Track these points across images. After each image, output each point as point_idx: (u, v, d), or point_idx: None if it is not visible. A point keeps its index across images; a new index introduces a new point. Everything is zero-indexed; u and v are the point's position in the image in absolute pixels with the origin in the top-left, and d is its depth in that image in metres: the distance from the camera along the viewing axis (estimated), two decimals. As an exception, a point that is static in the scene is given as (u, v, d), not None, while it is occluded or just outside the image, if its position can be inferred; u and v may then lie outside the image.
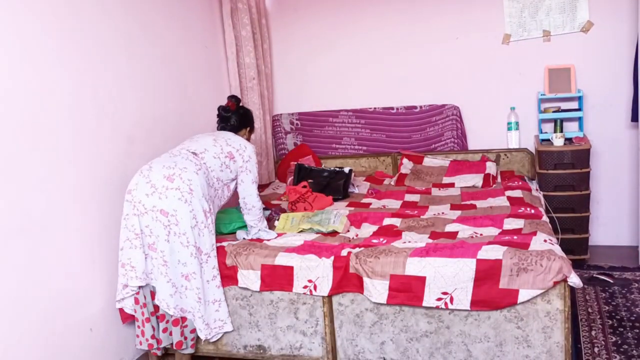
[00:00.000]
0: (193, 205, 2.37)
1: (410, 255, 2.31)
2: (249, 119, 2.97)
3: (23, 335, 2.12)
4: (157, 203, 2.35)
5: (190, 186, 2.38)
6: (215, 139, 2.67)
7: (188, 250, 2.38)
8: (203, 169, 2.48)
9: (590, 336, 2.63)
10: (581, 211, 3.49)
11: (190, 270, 2.40)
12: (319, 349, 2.48)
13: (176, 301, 2.43)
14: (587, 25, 3.65)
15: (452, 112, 3.93)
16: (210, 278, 2.47)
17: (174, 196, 2.35)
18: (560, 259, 2.14)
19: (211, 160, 2.57)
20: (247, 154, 2.69)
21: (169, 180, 2.37)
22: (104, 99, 2.61)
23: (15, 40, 2.12)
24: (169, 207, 2.35)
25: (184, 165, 2.43)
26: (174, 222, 2.35)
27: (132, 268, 2.42)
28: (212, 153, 2.58)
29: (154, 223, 2.36)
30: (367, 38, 4.07)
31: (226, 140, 2.68)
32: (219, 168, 2.59)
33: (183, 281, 2.42)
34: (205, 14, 3.70)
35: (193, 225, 2.38)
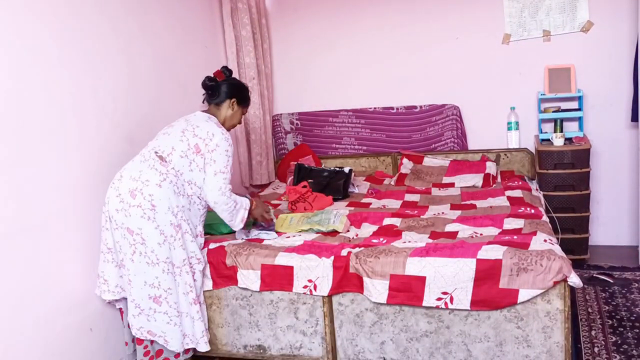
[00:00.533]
0: (158, 222, 2.24)
1: (410, 255, 2.31)
2: (236, 89, 2.62)
3: (23, 335, 2.12)
4: (125, 220, 2.24)
5: (152, 202, 2.23)
6: (183, 130, 2.42)
7: (159, 268, 2.27)
8: (169, 177, 2.29)
9: (590, 336, 2.63)
10: (581, 211, 3.49)
11: (162, 289, 2.29)
12: (319, 348, 2.48)
13: (140, 323, 2.34)
14: (587, 25, 3.65)
15: (452, 112, 3.93)
16: (183, 293, 2.33)
17: (137, 214, 2.22)
18: (560, 259, 2.14)
19: (178, 161, 2.35)
20: (213, 142, 2.37)
21: (132, 197, 2.23)
22: (104, 99, 2.61)
23: (15, 40, 2.12)
24: (133, 226, 2.24)
25: (147, 178, 2.26)
26: (140, 241, 2.25)
27: (105, 282, 2.40)
28: (179, 152, 2.36)
29: (123, 240, 2.28)
30: (367, 38, 4.07)
31: (194, 129, 2.41)
32: (188, 168, 2.36)
33: (151, 304, 2.30)
34: (205, 14, 3.70)
35: (162, 242, 2.25)
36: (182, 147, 2.37)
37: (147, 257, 2.25)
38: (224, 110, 2.59)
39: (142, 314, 2.32)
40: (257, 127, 4.00)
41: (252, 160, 4.04)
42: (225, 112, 2.60)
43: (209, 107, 2.62)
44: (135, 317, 2.33)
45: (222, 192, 2.39)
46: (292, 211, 3.28)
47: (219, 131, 2.42)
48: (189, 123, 2.46)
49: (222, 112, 2.59)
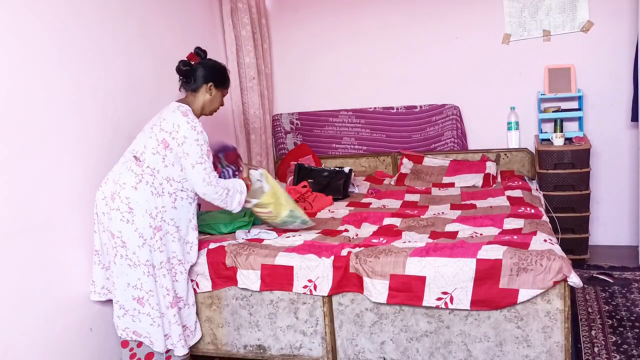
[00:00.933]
0: (136, 224, 2.22)
1: (410, 255, 2.31)
2: (216, 72, 2.48)
3: (23, 335, 2.12)
4: (108, 224, 2.26)
5: (129, 205, 2.21)
6: (152, 126, 2.33)
7: (140, 270, 2.26)
8: (145, 178, 2.25)
9: (590, 336, 2.64)
10: (581, 211, 3.49)
11: (144, 291, 2.28)
12: (319, 348, 2.48)
13: (125, 323, 2.34)
14: (587, 25, 3.65)
15: (452, 112, 3.93)
16: (162, 295, 2.32)
17: (117, 217, 2.23)
18: (560, 259, 2.14)
19: (152, 159, 2.26)
20: (180, 134, 2.25)
21: (112, 200, 2.24)
22: (104, 99, 2.61)
23: (15, 40, 2.12)
24: (114, 229, 2.24)
25: (124, 180, 2.25)
26: (120, 244, 2.25)
27: (93, 282, 2.42)
28: (150, 150, 2.27)
29: (108, 242, 2.30)
30: (367, 37, 4.07)
31: (160, 122, 2.30)
32: (162, 165, 2.27)
33: (135, 304, 2.31)
34: (205, 14, 3.70)
35: (141, 244, 2.24)
36: (152, 144, 2.28)
37: (129, 259, 2.25)
38: (201, 96, 2.45)
39: (126, 314, 2.34)
40: (257, 127, 4.00)
41: (252, 160, 4.04)
42: (203, 97, 2.45)
43: (185, 94, 2.49)
44: (120, 318, 2.34)
45: (207, 182, 2.31)
46: None
47: (184, 121, 2.27)
48: (159, 117, 2.37)
49: (199, 98, 2.45)
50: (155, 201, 2.26)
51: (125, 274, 2.28)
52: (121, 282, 2.30)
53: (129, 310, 2.33)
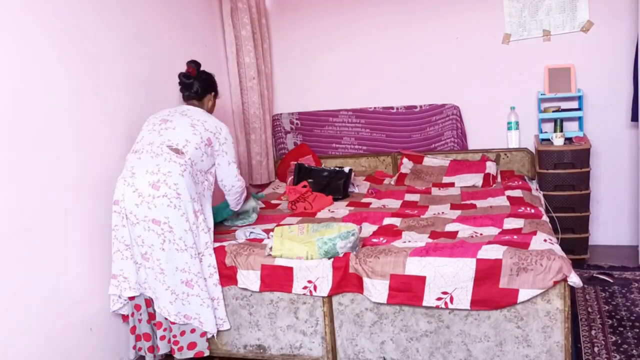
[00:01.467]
0: (183, 209, 2.34)
1: (410, 255, 2.31)
2: (212, 83, 2.82)
3: (23, 335, 2.12)
4: (148, 213, 2.31)
5: (177, 190, 2.33)
6: (192, 125, 2.53)
7: (187, 254, 2.37)
8: (188, 168, 2.40)
9: (590, 336, 2.64)
10: (581, 211, 3.49)
11: (192, 274, 2.39)
12: (319, 348, 2.48)
13: (177, 308, 2.42)
14: (587, 24, 3.65)
15: (452, 112, 3.93)
16: (208, 276, 2.46)
17: (163, 204, 2.31)
18: (560, 259, 2.14)
19: (194, 153, 2.46)
20: (222, 136, 2.60)
21: (155, 189, 2.31)
22: (104, 99, 2.61)
23: (15, 40, 2.12)
24: (160, 216, 2.31)
25: (168, 169, 2.35)
26: (168, 230, 2.33)
27: (125, 279, 2.45)
28: (193, 145, 2.47)
29: (146, 233, 2.34)
30: (367, 37, 4.07)
31: (202, 123, 2.55)
32: (200, 159, 2.50)
33: (184, 288, 2.40)
34: (205, 14, 3.70)
35: (187, 229, 2.35)
36: (196, 140, 2.49)
37: (176, 244, 2.34)
38: (206, 104, 2.78)
39: (177, 299, 2.40)
40: (257, 126, 4.00)
41: (252, 160, 4.04)
42: (207, 105, 2.79)
43: (188, 102, 2.74)
44: (172, 303, 2.40)
45: (238, 177, 2.70)
46: (292, 210, 3.28)
47: (223, 125, 2.64)
48: (193, 117, 2.57)
49: (205, 105, 2.77)
50: (196, 187, 2.44)
51: (174, 258, 2.35)
52: (170, 267, 2.36)
53: (179, 294, 2.40)
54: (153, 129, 2.54)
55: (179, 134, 2.48)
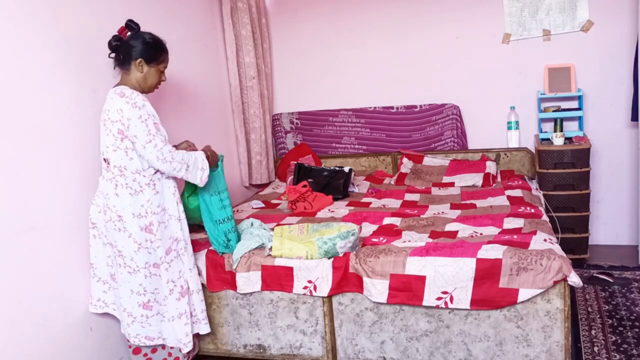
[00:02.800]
0: (129, 230, 2.19)
1: (410, 255, 2.31)
2: (145, 46, 2.26)
3: (23, 335, 2.12)
4: (106, 235, 2.28)
5: (117, 213, 2.19)
6: (103, 122, 2.19)
7: (141, 274, 2.24)
8: (119, 181, 2.17)
9: (590, 335, 2.64)
10: (581, 210, 3.49)
11: (149, 294, 2.27)
12: (319, 348, 2.48)
13: (136, 330, 2.32)
14: (587, 24, 3.65)
15: (452, 112, 3.93)
16: (168, 293, 2.30)
17: (110, 228, 2.22)
18: (560, 258, 2.14)
19: (115, 157, 2.16)
20: (125, 117, 2.10)
21: (104, 213, 2.23)
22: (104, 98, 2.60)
23: (15, 40, 2.12)
24: (111, 239, 2.25)
25: (105, 191, 2.22)
26: (117, 253, 2.24)
27: (90, 295, 2.41)
28: (111, 148, 2.16)
29: (110, 253, 2.30)
30: (367, 37, 4.07)
31: (107, 113, 2.15)
32: (127, 159, 2.16)
33: (142, 310, 2.29)
34: (205, 14, 3.69)
35: (136, 249, 2.21)
36: (111, 141, 2.16)
37: (128, 266, 2.24)
38: (132, 74, 2.27)
39: (135, 321, 2.31)
40: (257, 126, 4.00)
41: (252, 159, 4.04)
42: (135, 75, 2.27)
43: (120, 73, 2.32)
44: (130, 325, 2.32)
45: (162, 159, 2.15)
46: (292, 210, 3.28)
47: (123, 101, 2.11)
48: (104, 110, 2.21)
49: (131, 76, 2.28)
50: (137, 200, 2.18)
51: (126, 281, 2.26)
52: (125, 289, 2.28)
53: (136, 317, 2.30)
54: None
55: (102, 139, 2.22)
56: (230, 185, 3.90)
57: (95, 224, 2.31)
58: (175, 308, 2.32)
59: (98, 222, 2.29)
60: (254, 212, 3.34)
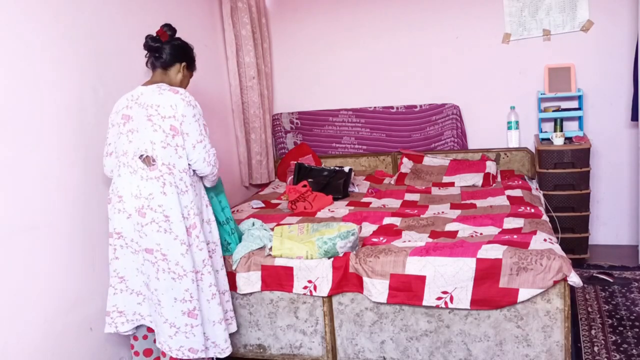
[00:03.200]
0: (175, 232, 2.08)
1: (410, 255, 2.31)
2: (185, 51, 2.34)
3: (23, 335, 2.12)
4: (141, 242, 2.11)
5: (164, 213, 2.07)
6: (149, 117, 2.09)
7: (186, 280, 2.11)
8: (167, 179, 2.08)
9: (590, 335, 2.64)
10: (581, 210, 3.49)
11: (194, 301, 2.14)
12: (319, 348, 2.48)
13: (179, 342, 2.15)
14: (587, 24, 3.65)
15: (452, 112, 3.93)
16: (210, 298, 2.21)
17: (152, 230, 2.07)
18: (560, 258, 2.14)
19: (164, 154, 2.09)
20: (179, 113, 2.09)
21: (141, 216, 2.08)
22: (104, 99, 2.60)
23: (15, 40, 2.12)
24: (151, 243, 2.09)
25: (149, 191, 2.07)
26: (161, 258, 2.09)
27: (120, 313, 2.25)
28: (159, 145, 2.08)
29: (142, 262, 2.16)
30: (367, 37, 4.07)
31: (156, 109, 2.09)
32: (176, 157, 2.10)
33: (186, 319, 2.14)
34: (205, 13, 3.69)
35: (184, 252, 2.10)
36: (160, 137, 2.08)
37: (172, 272, 2.10)
38: (173, 75, 2.29)
39: (179, 332, 2.15)
40: (257, 126, 4.00)
41: (252, 159, 4.04)
42: (175, 77, 2.31)
43: (153, 72, 2.30)
44: (173, 337, 2.14)
45: (207, 162, 2.17)
46: (292, 210, 3.28)
47: (179, 98, 2.11)
48: (145, 105, 2.12)
49: (171, 77, 2.29)
50: (185, 199, 2.12)
51: (170, 288, 2.11)
52: (167, 298, 2.11)
53: (180, 327, 2.13)
54: (120, 131, 2.19)
55: (143, 135, 2.10)
56: (231, 185, 3.90)
57: (120, 233, 2.17)
58: (217, 313, 2.22)
59: (125, 230, 2.14)
60: (254, 212, 3.34)
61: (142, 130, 2.11)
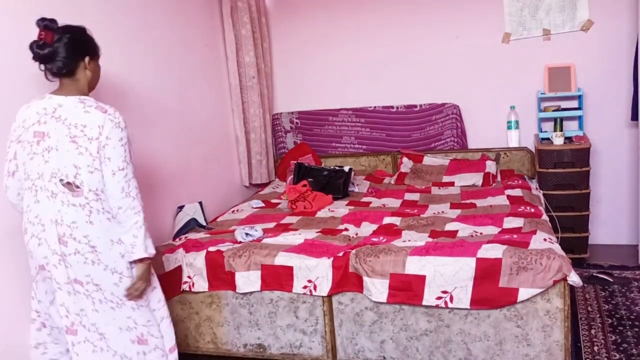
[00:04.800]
0: (105, 262, 1.87)
1: (410, 254, 2.31)
2: (82, 42, 1.95)
3: (23, 334, 2.11)
4: (69, 273, 1.86)
5: (90, 243, 1.84)
6: (72, 139, 1.83)
7: (127, 307, 1.93)
8: (94, 206, 1.85)
9: (590, 335, 2.64)
10: (581, 210, 3.49)
11: (140, 326, 1.97)
12: (318, 347, 2.48)
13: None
14: (587, 24, 3.65)
15: (452, 111, 3.92)
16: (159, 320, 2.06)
17: (78, 262, 1.84)
18: (560, 258, 2.14)
19: (90, 180, 1.84)
20: (103, 136, 1.84)
21: (64, 245, 1.83)
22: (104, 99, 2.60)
23: (15, 40, 2.12)
24: (79, 274, 1.86)
25: (72, 219, 1.83)
26: (94, 289, 1.88)
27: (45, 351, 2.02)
28: (85, 169, 1.84)
29: (71, 298, 1.88)
30: (367, 36, 4.07)
31: (82, 129, 1.83)
32: (100, 182, 1.86)
33: (137, 347, 1.97)
34: (205, 13, 3.69)
35: (117, 281, 1.89)
36: (86, 161, 1.84)
37: (110, 301, 1.91)
38: (81, 78, 1.95)
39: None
40: (257, 126, 4.00)
41: (252, 159, 4.04)
42: (85, 77, 1.96)
43: (60, 81, 1.93)
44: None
45: (126, 192, 1.87)
46: (292, 210, 3.28)
47: (106, 118, 1.85)
48: (68, 123, 1.85)
49: (80, 81, 1.95)
50: (116, 227, 1.90)
51: (112, 318, 1.93)
52: (111, 330, 1.93)
53: (132, 357, 1.98)
54: (33, 151, 1.87)
55: (64, 157, 1.84)
56: (230, 184, 3.91)
57: (43, 265, 1.89)
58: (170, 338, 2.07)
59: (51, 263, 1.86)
60: (253, 211, 3.34)
61: (62, 151, 1.84)
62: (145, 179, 2.87)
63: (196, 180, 3.40)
